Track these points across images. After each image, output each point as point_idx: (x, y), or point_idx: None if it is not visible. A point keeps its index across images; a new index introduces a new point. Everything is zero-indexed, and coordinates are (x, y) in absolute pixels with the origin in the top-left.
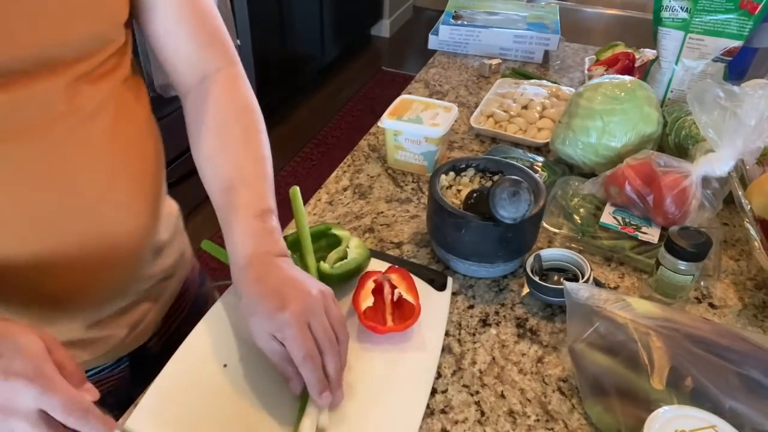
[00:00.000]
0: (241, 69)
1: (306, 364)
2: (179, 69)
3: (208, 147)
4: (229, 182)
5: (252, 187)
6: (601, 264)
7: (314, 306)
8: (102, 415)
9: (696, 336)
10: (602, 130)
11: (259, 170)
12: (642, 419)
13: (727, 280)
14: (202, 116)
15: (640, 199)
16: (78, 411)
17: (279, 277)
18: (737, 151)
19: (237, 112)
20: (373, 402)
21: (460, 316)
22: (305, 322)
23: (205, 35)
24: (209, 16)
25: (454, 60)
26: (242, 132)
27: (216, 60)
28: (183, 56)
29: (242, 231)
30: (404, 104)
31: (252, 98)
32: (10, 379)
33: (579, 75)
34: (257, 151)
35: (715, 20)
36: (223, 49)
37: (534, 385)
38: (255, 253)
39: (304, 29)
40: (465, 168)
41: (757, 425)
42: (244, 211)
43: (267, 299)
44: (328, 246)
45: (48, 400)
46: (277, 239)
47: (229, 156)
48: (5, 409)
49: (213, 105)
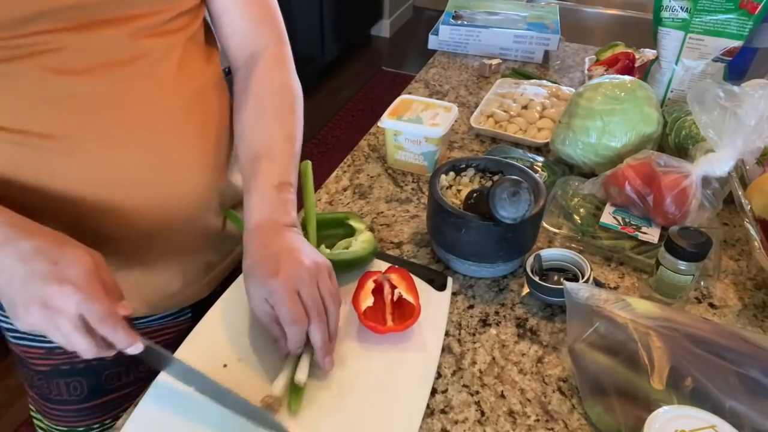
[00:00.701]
0: (288, 50)
1: (292, 328)
2: (231, 41)
3: (245, 121)
4: (256, 154)
5: (276, 160)
6: (601, 264)
7: (304, 275)
8: (129, 330)
9: (696, 336)
10: (602, 130)
11: (286, 147)
12: (642, 419)
13: (727, 280)
14: (244, 91)
15: (640, 199)
16: (109, 321)
17: (280, 245)
18: (737, 151)
19: (275, 90)
20: (373, 402)
21: (460, 316)
22: (295, 290)
23: (257, 12)
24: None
25: (454, 60)
26: (276, 110)
27: (265, 38)
28: (236, 30)
29: (258, 198)
30: (404, 104)
31: (294, 79)
32: (64, 285)
33: (579, 75)
34: (288, 129)
35: (715, 20)
36: (274, 28)
37: (534, 385)
38: (265, 220)
39: (304, 29)
40: (465, 168)
41: (757, 425)
42: (263, 180)
43: (263, 264)
44: (345, 234)
45: (88, 307)
46: (290, 210)
47: (262, 131)
48: (55, 308)
49: (255, 81)
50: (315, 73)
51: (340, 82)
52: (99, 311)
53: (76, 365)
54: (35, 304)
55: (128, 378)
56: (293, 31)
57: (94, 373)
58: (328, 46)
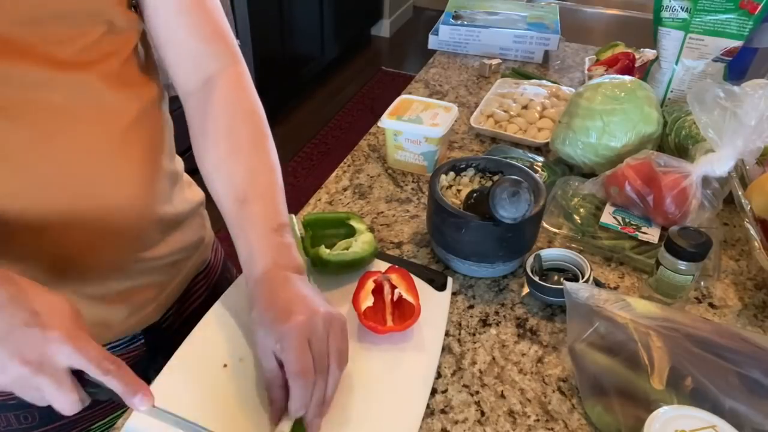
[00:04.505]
0: (245, 67)
1: (297, 381)
2: (180, 66)
3: (218, 153)
4: (243, 193)
5: (267, 199)
6: (601, 264)
7: (318, 323)
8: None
9: (696, 336)
10: (602, 130)
11: (271, 180)
12: (642, 419)
13: (727, 280)
14: (209, 120)
15: (640, 199)
16: (113, 365)
17: (293, 292)
18: (737, 151)
19: (245, 116)
20: (373, 402)
21: (460, 316)
22: (305, 338)
23: (207, 30)
24: (212, 11)
25: (454, 60)
26: (251, 138)
27: (219, 58)
28: (184, 52)
29: (261, 245)
30: (404, 104)
31: (257, 100)
32: (48, 335)
33: (579, 75)
34: (268, 158)
35: (715, 20)
36: (227, 45)
37: (534, 385)
38: (272, 267)
39: (304, 29)
40: (465, 168)
41: (757, 425)
42: (261, 225)
43: (274, 311)
44: (345, 235)
45: (82, 357)
46: (295, 255)
47: (241, 164)
48: (37, 364)
49: (220, 108)
50: (315, 73)
51: (340, 82)
52: (96, 358)
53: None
54: (15, 359)
55: None
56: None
57: None
58: (328, 46)
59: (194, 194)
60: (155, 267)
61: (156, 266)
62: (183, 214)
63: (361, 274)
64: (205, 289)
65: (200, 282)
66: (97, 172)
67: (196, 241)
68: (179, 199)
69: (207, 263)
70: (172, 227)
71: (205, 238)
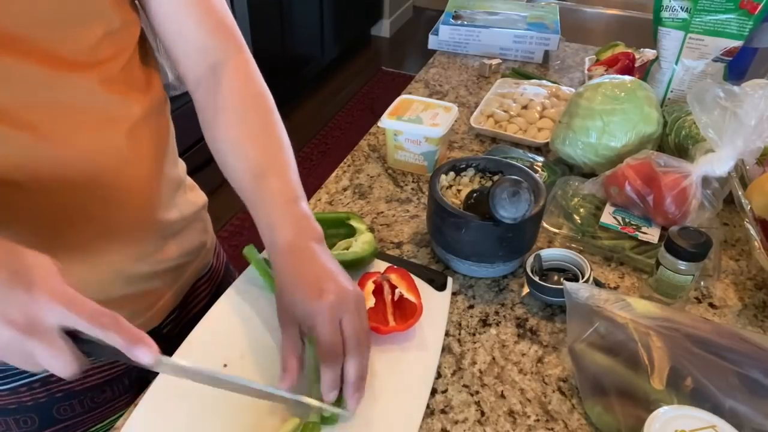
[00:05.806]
0: (249, 55)
1: (327, 359)
2: (188, 57)
3: (232, 135)
4: (259, 168)
5: (283, 174)
6: (601, 264)
7: (351, 302)
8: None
9: (696, 336)
10: (602, 130)
11: (287, 157)
12: (642, 419)
13: (727, 280)
14: (220, 105)
15: (640, 199)
16: (108, 318)
17: (318, 266)
18: (737, 151)
19: (254, 100)
20: (372, 402)
21: (460, 316)
22: (338, 317)
23: (212, 20)
24: (216, 1)
25: (454, 60)
26: (263, 120)
27: (225, 47)
28: (190, 42)
29: (281, 217)
30: (404, 104)
31: (264, 84)
32: (34, 294)
33: (579, 75)
34: (280, 138)
35: (715, 20)
36: (232, 36)
37: (534, 385)
38: (295, 239)
39: (304, 29)
40: (465, 168)
41: (757, 425)
42: (280, 198)
43: (306, 286)
44: (345, 235)
45: (73, 314)
46: (314, 225)
47: (256, 143)
48: (26, 327)
49: (230, 94)
50: (315, 73)
51: (340, 82)
52: (88, 314)
53: (25, 403)
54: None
55: (81, 408)
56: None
57: (45, 408)
58: (328, 46)
59: (197, 197)
60: (156, 272)
61: (157, 271)
62: (185, 220)
63: (361, 275)
64: (208, 294)
65: (202, 286)
66: (100, 177)
67: (198, 246)
68: (182, 204)
69: (209, 267)
70: (173, 233)
71: (207, 242)
